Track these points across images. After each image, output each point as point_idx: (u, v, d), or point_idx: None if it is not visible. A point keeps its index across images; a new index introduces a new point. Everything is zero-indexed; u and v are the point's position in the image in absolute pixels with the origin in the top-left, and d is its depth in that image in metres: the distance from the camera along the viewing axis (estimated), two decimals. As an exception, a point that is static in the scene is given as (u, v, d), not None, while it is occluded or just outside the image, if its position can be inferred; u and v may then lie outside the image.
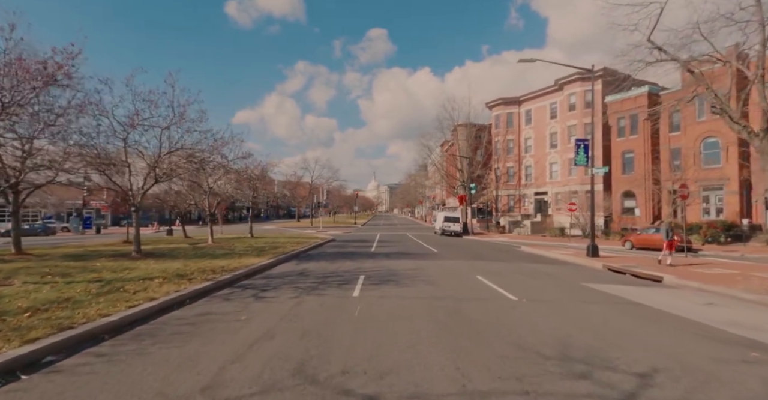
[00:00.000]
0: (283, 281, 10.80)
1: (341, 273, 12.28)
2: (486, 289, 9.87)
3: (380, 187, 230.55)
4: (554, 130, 44.70)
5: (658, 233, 25.55)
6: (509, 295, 9.01)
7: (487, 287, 10.19)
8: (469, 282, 10.83)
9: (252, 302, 7.94)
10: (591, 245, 18.28)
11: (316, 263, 14.94)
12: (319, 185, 65.48)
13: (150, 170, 14.58)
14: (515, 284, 10.60)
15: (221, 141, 15.61)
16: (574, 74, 41.03)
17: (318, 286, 9.94)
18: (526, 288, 10.10)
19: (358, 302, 8.05)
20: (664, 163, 34.91)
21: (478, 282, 10.88)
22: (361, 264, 14.69)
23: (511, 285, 10.42)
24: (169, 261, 13.51)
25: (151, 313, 6.96)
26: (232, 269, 11.86)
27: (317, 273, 12.28)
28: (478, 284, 10.52)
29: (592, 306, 8.13)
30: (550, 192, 45.05)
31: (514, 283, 10.88)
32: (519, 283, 10.93)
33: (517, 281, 11.34)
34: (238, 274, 11.20)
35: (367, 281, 10.66)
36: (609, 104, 38.81)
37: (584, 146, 18.76)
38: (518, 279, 11.64)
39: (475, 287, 10.16)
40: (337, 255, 18.22)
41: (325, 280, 10.93)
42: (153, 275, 10.38)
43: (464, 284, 10.57)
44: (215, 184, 20.54)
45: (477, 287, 10.17)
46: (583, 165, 19.13)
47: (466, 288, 9.88)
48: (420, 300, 8.23)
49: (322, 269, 13.36)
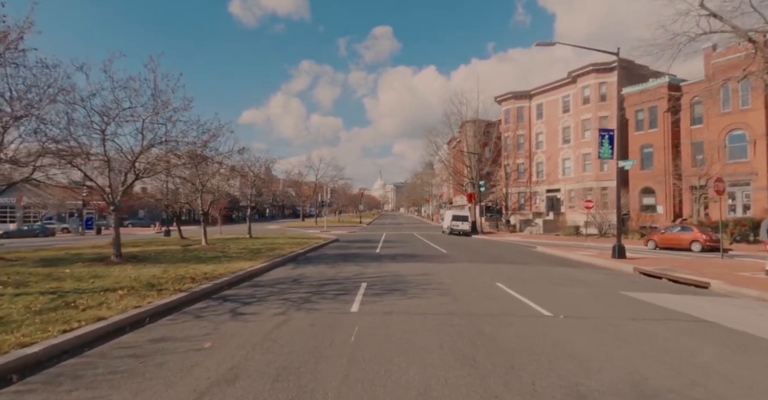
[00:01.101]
0: (272, 290, 9.30)
1: (341, 280, 10.77)
2: (511, 301, 8.29)
3: (386, 186, 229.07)
4: (567, 125, 42.84)
5: (685, 232, 23.82)
6: (541, 309, 7.43)
7: (511, 297, 8.61)
8: (489, 291, 9.26)
9: (226, 321, 6.44)
10: (617, 246, 16.61)
11: (315, 267, 13.45)
12: (324, 184, 64.15)
13: (130, 166, 13.16)
14: (543, 294, 9.02)
15: (209, 133, 14.13)
16: (588, 65, 39.20)
17: (311, 297, 8.43)
18: (557, 299, 8.52)
19: (356, 320, 6.52)
20: (685, 157, 33.01)
21: (499, 291, 9.31)
22: (364, 268, 13.18)
23: (539, 295, 8.83)
24: (149, 266, 12.09)
25: (93, 339, 5.48)
26: (216, 275, 10.40)
27: (314, 280, 10.78)
28: (499, 294, 8.94)
29: (649, 325, 6.53)
30: (562, 189, 43.21)
31: (542, 292, 9.29)
32: (547, 292, 9.35)
33: (545, 289, 9.75)
34: (222, 282, 9.73)
35: (370, 291, 9.13)
36: (626, 96, 36.89)
37: (609, 137, 17.08)
38: (545, 287, 10.04)
39: (497, 297, 8.59)
40: (339, 257, 16.73)
41: (321, 289, 9.43)
42: (121, 284, 8.94)
43: (483, 294, 9.00)
44: (208, 182, 19.12)
45: (499, 297, 8.59)
46: (608, 158, 17.44)
47: (486, 300, 8.31)
48: (433, 318, 6.68)
49: (320, 274, 11.86)
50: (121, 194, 13.47)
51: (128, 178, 13.51)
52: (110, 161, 13.58)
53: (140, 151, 13.75)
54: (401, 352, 5.00)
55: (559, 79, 43.27)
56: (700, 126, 32.72)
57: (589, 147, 39.33)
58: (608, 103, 38.32)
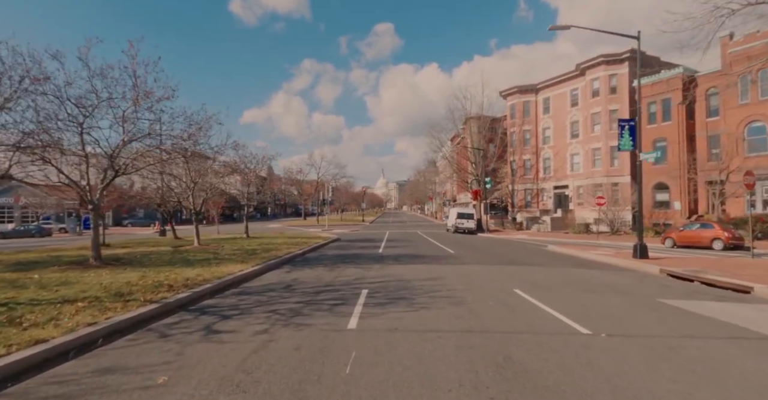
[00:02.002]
0: (260, 299, 8.15)
1: (339, 286, 9.61)
2: (536, 313, 7.10)
3: (389, 185, 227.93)
4: (575, 119, 41.47)
5: (705, 229, 22.52)
6: (575, 324, 6.25)
7: (535, 308, 7.42)
8: (508, 300, 8.07)
9: (195, 343, 5.30)
10: (638, 245, 15.37)
11: (312, 270, 12.30)
12: (326, 182, 63.05)
13: (108, 161, 12.04)
14: (571, 303, 7.83)
15: (196, 125, 12.96)
16: (597, 57, 37.81)
17: (304, 308, 7.28)
18: (588, 310, 7.33)
19: (354, 341, 5.36)
20: (701, 151, 31.64)
21: (520, 300, 8.12)
22: (365, 271, 12.02)
23: (566, 305, 7.65)
24: (128, 271, 10.98)
25: (22, 369, 4.35)
26: (198, 282, 9.27)
27: (309, 285, 9.63)
28: (521, 304, 7.75)
29: (713, 346, 5.33)
30: (571, 186, 41.88)
31: (568, 300, 8.10)
32: (574, 300, 8.15)
33: (570, 296, 8.55)
34: (203, 290, 8.59)
35: (372, 299, 7.97)
36: (637, 89, 35.43)
37: (629, 128, 15.81)
38: (570, 294, 8.85)
39: (519, 308, 7.40)
40: (339, 259, 15.58)
41: (315, 297, 8.27)
42: (86, 293, 7.81)
43: (502, 303, 7.81)
44: (200, 179, 18.00)
45: (521, 308, 7.40)
46: (629, 150, 16.18)
47: (507, 312, 7.12)
48: (447, 338, 5.51)
49: (316, 278, 10.71)
50: (101, 192, 12.34)
51: (107, 175, 12.38)
52: (88, 157, 12.47)
53: (120, 145, 12.64)
54: (409, 380, 3.84)
55: (567, 72, 41.88)
56: (717, 118, 31.34)
57: (598, 142, 38.01)
58: (619, 95, 36.95)
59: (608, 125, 37.26)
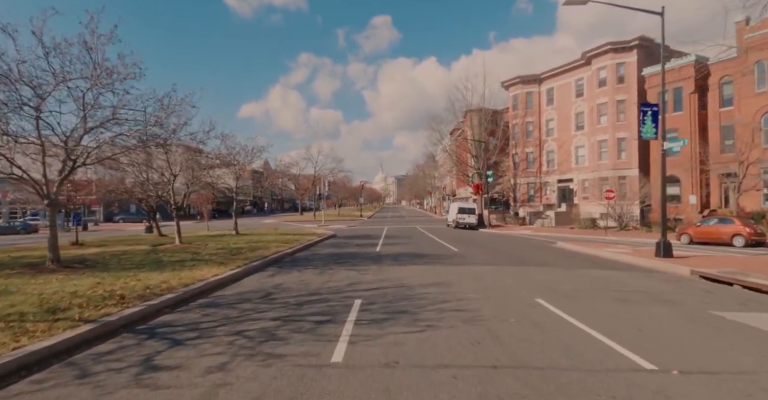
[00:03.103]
0: (228, 314, 6.68)
1: (328, 294, 8.14)
2: (574, 334, 5.64)
3: (387, 179, 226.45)
4: (580, 110, 39.88)
5: (725, 225, 21.11)
6: (629, 354, 4.78)
7: (571, 328, 5.96)
8: (534, 315, 6.60)
9: (119, 389, 3.81)
10: (663, 242, 13.94)
11: (299, 274, 10.83)
12: (322, 176, 61.51)
13: (65, 151, 10.49)
14: (611, 319, 6.37)
15: (165, 109, 11.37)
16: (604, 44, 36.17)
17: (280, 328, 5.81)
18: (635, 328, 5.87)
19: (338, 384, 3.89)
20: (713, 143, 30.18)
21: (548, 315, 6.65)
22: (360, 275, 10.55)
23: (606, 321, 6.19)
24: (84, 276, 9.49)
25: None
26: (160, 291, 7.79)
27: (292, 294, 8.16)
28: (551, 322, 6.29)
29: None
30: (575, 179, 40.40)
31: (606, 314, 6.64)
32: (613, 314, 6.70)
33: (606, 309, 7.09)
34: (161, 302, 7.10)
35: (365, 314, 6.51)
36: (647, 78, 33.95)
37: (652, 113, 14.30)
38: (605, 305, 7.39)
39: (552, 329, 5.93)
40: (332, 259, 14.12)
41: (297, 311, 6.80)
42: (13, 309, 6.31)
43: (528, 320, 6.35)
44: (181, 171, 16.45)
45: (554, 329, 5.93)
46: (651, 138, 14.69)
47: (537, 334, 5.65)
48: (465, 377, 4.05)
49: (302, 284, 9.24)
50: (58, 186, 10.81)
51: (66, 166, 10.83)
52: (44, 146, 10.91)
53: (81, 132, 11.10)
54: None
55: (572, 61, 40.23)
56: (731, 108, 29.87)
57: (605, 133, 36.49)
58: (626, 85, 35.37)
59: (615, 116, 35.77)
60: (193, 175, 17.22)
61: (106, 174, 19.24)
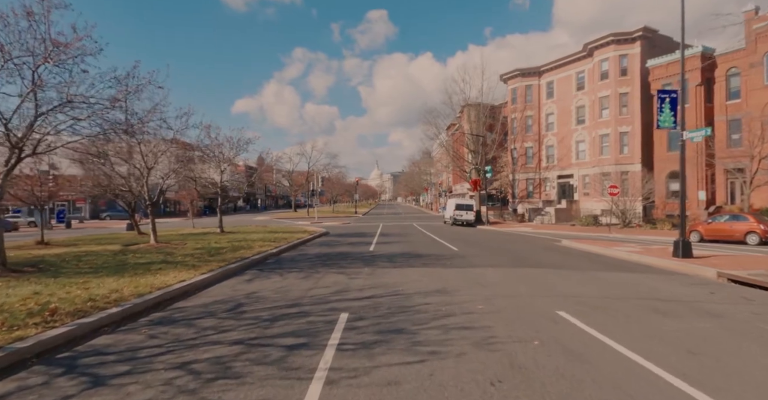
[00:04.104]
0: (180, 335, 5.37)
1: (309, 306, 6.85)
2: (616, 363, 4.37)
3: (383, 176, 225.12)
4: (581, 104, 38.70)
5: (738, 222, 20.00)
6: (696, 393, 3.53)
7: (612, 354, 4.69)
8: (560, 335, 5.32)
9: None
10: (681, 241, 12.77)
11: (280, 278, 9.52)
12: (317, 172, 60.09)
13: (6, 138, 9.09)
14: (656, 340, 5.12)
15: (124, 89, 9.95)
16: (607, 35, 34.96)
17: (239, 357, 4.51)
18: (689, 352, 4.63)
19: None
20: (719, 137, 29.10)
21: (576, 334, 5.38)
22: (350, 280, 9.26)
23: (653, 345, 4.94)
24: (27, 283, 8.11)
25: None
26: (106, 303, 6.46)
27: (267, 305, 6.86)
28: (583, 344, 5.01)
29: None
30: (576, 175, 39.30)
31: (646, 332, 5.39)
32: (653, 331, 5.45)
33: (643, 324, 5.85)
34: (100, 319, 5.77)
35: (351, 335, 5.22)
36: (651, 69, 32.80)
37: (670, 100, 13.09)
38: (640, 319, 6.14)
39: (587, 356, 4.65)
40: (320, 260, 12.81)
41: (267, 329, 5.50)
42: None
43: (555, 342, 5.07)
44: (156, 163, 15.04)
45: (590, 355, 4.66)
46: (669, 128, 13.48)
47: (571, 364, 4.37)
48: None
49: (281, 292, 7.94)
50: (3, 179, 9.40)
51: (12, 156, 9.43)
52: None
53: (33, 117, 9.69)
54: None
55: (573, 53, 39.00)
56: (738, 101, 28.83)
57: (607, 127, 35.35)
58: (630, 78, 34.21)
59: (618, 110, 34.63)
60: (170, 168, 15.81)
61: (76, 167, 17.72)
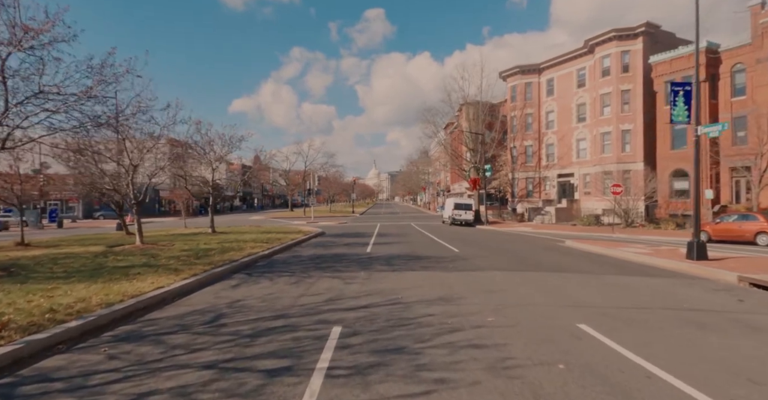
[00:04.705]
0: (145, 355, 4.61)
1: (297, 318, 6.09)
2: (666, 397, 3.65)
3: (381, 175, 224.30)
4: (582, 101, 38.04)
5: (748, 221, 19.37)
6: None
7: (656, 383, 3.95)
8: (591, 358, 4.58)
9: None
10: (696, 242, 12.09)
11: (270, 284, 8.77)
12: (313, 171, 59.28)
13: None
14: (703, 362, 4.40)
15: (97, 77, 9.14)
16: (609, 31, 34.30)
17: (206, 388, 3.75)
18: (746, 379, 3.92)
19: None
20: (724, 134, 28.38)
21: (610, 357, 4.65)
22: (345, 285, 8.52)
23: (701, 368, 4.22)
24: (-14, 290, 7.34)
25: None
26: (68, 314, 5.69)
27: (250, 317, 6.10)
28: (621, 370, 4.27)
29: None
30: (576, 173, 38.66)
31: (691, 354, 4.67)
32: (699, 353, 4.73)
33: (686, 343, 5.12)
34: (54, 334, 4.98)
35: (343, 356, 4.46)
36: (654, 66, 32.14)
37: (684, 94, 12.41)
38: (680, 336, 5.41)
39: (628, 385, 3.91)
40: (314, 263, 12.05)
41: (246, 349, 4.75)
42: None
43: (584, 368, 4.33)
44: (143, 161, 14.24)
45: (631, 384, 3.92)
46: (683, 123, 12.80)
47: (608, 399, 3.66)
48: None
49: (268, 301, 7.18)
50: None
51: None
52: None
53: (3, 109, 8.90)
54: None
55: (574, 50, 38.32)
56: (743, 97, 28.20)
57: (608, 125, 34.71)
58: (632, 74, 33.57)
59: (619, 107, 34.00)
60: (157, 166, 15.01)
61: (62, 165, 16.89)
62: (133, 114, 12.38)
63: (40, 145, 12.35)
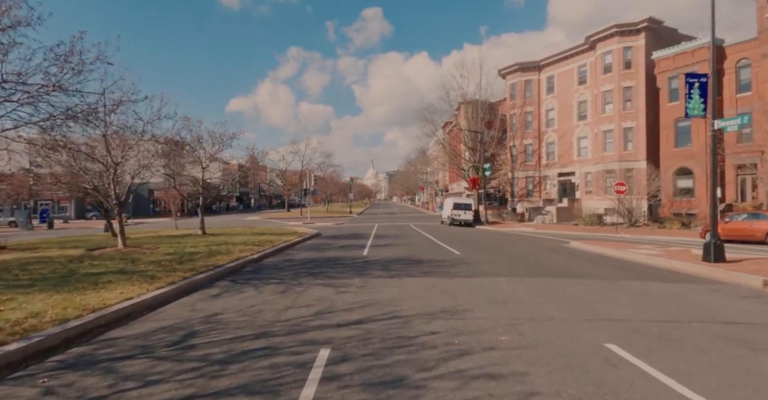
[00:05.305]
0: (90, 386, 3.77)
1: (280, 337, 5.26)
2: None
3: (378, 175, 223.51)
4: (583, 99, 37.32)
5: (758, 220, 18.66)
6: None
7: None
8: (633, 394, 3.80)
9: None
10: (713, 243, 11.35)
11: (255, 293, 7.94)
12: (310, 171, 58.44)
13: None
14: (762, 394, 3.62)
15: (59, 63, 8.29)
16: (611, 27, 33.57)
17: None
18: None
19: None
20: (730, 132, 27.83)
21: (654, 390, 3.86)
22: (336, 295, 7.70)
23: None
24: (-70, 303, 6.48)
25: None
26: (11, 334, 4.86)
27: (225, 337, 5.27)
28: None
29: None
30: (577, 172, 37.93)
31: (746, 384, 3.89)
32: (755, 382, 3.95)
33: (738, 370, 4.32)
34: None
35: (329, 393, 3.62)
36: (657, 62, 31.45)
37: (700, 86, 11.65)
38: (726, 359, 4.60)
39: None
40: (306, 268, 11.22)
41: (213, 382, 3.92)
42: None
43: None
44: (126, 159, 13.40)
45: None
46: (699, 116, 12.05)
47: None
48: None
49: (250, 314, 6.36)
50: None
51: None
52: None
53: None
54: None
55: (575, 46, 37.58)
56: (748, 93, 27.51)
57: (610, 123, 33.99)
58: (634, 71, 32.85)
59: (621, 104, 33.28)
60: (141, 164, 14.14)
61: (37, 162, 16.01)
62: (114, 107, 11.56)
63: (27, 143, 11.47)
